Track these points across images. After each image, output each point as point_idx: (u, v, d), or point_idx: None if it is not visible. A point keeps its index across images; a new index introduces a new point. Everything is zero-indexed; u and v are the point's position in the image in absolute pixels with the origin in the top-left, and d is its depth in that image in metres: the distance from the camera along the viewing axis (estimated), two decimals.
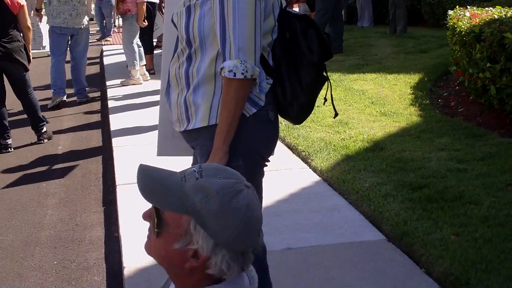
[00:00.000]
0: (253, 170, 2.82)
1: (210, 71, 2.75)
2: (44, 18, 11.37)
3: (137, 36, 10.57)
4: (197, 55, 2.79)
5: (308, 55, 2.85)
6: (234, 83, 2.62)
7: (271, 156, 2.97)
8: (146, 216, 1.70)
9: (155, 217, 1.64)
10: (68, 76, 9.93)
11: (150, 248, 1.71)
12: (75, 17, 9.36)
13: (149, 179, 1.70)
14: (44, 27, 12.06)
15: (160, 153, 3.39)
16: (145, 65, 11.14)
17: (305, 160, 6.35)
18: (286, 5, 2.90)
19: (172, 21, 2.92)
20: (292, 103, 2.87)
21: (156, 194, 1.66)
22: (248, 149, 2.79)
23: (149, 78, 10.75)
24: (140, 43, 10.68)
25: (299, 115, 2.96)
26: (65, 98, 9.71)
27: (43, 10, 10.16)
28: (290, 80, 2.84)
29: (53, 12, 9.37)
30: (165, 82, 3.02)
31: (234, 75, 2.60)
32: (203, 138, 2.81)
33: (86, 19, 9.54)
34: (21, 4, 7.48)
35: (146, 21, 10.37)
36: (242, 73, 2.60)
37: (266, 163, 2.94)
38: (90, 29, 9.95)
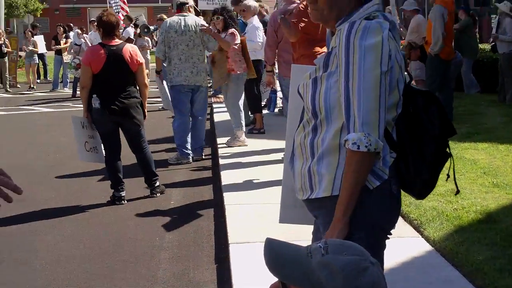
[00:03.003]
0: (375, 243, 2.81)
1: (334, 142, 2.78)
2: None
3: (242, 97, 10.62)
4: (323, 126, 2.83)
5: (431, 131, 2.87)
6: (357, 156, 2.64)
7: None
8: None
9: None
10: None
11: None
12: (195, 75, 9.55)
13: (276, 254, 1.72)
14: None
15: (282, 220, 3.44)
16: (251, 126, 11.33)
17: (417, 228, 6.26)
18: (410, 81, 2.93)
19: (298, 91, 2.99)
20: (415, 178, 2.88)
21: (282, 269, 1.68)
22: (371, 222, 2.79)
23: (247, 144, 10.48)
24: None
25: (422, 190, 2.97)
26: (191, 160, 9.82)
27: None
28: (413, 155, 2.85)
29: (174, 71, 9.59)
30: (290, 150, 3.07)
31: (358, 148, 2.62)
32: (325, 208, 2.83)
33: (205, 77, 9.73)
34: (140, 62, 7.70)
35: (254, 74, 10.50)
36: (366, 146, 2.61)
37: (388, 235, 2.93)
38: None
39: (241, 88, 10.47)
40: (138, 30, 19.74)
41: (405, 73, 2.86)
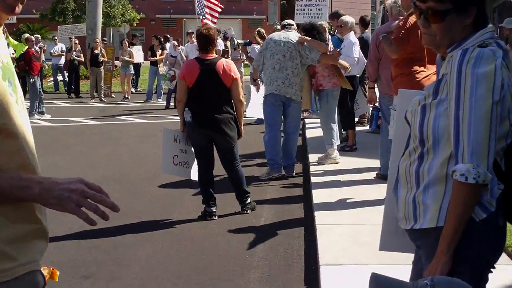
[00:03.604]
0: (478, 277, 2.75)
1: (442, 172, 2.73)
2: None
3: (336, 113, 10.52)
4: (429, 154, 2.78)
5: None
6: (464, 187, 2.59)
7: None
8: None
9: None
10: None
11: None
12: (287, 86, 9.51)
13: None
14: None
15: (383, 247, 3.40)
16: (343, 143, 11.27)
17: (511, 256, 6.07)
18: None
19: (406, 118, 2.93)
20: None
21: None
22: (476, 256, 2.73)
23: (339, 160, 10.41)
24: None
25: None
26: (283, 172, 9.82)
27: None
28: None
29: (267, 80, 9.68)
30: (394, 178, 3.04)
31: (466, 179, 2.57)
32: (429, 239, 2.78)
33: (298, 91, 9.68)
34: (235, 77, 7.67)
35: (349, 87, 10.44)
36: (474, 178, 2.56)
37: (491, 269, 2.84)
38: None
39: (332, 105, 10.35)
40: (228, 43, 19.98)
41: None
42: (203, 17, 20.95)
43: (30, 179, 2.09)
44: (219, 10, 21.45)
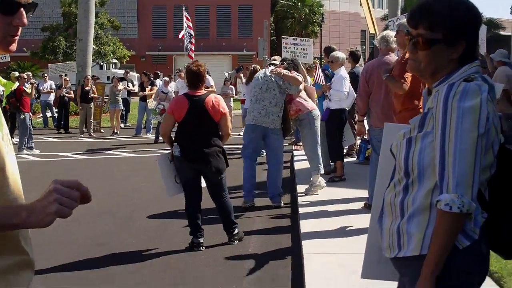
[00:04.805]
0: None
1: (426, 202, 2.79)
2: None
3: (319, 138, 10.52)
4: (414, 186, 2.84)
5: None
6: (448, 217, 2.64)
7: None
8: None
9: None
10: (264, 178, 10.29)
11: None
12: (263, 116, 9.71)
13: None
14: None
15: (365, 276, 3.47)
16: (331, 175, 11.32)
17: (497, 281, 6.05)
18: (504, 142, 2.87)
19: (391, 150, 3.00)
20: (506, 239, 2.84)
21: None
22: (459, 283, 2.78)
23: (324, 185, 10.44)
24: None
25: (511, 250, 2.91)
26: (253, 202, 9.93)
27: None
28: (505, 217, 2.82)
29: (247, 112, 9.93)
30: (379, 208, 3.10)
31: (450, 209, 2.62)
32: (413, 267, 2.82)
33: (276, 121, 9.78)
34: (223, 112, 7.75)
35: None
36: (458, 208, 2.61)
37: None
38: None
39: (313, 129, 10.36)
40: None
41: (500, 134, 2.81)
42: (187, 53, 21.38)
43: (15, 207, 2.14)
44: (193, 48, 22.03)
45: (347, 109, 11.90)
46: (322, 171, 10.47)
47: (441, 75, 2.85)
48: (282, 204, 10.05)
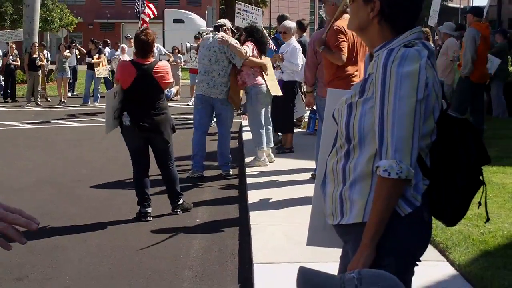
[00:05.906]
0: (404, 270, 2.81)
1: (367, 168, 2.78)
2: None
3: (263, 114, 10.40)
4: (356, 152, 2.83)
5: (466, 160, 2.84)
6: (387, 183, 2.65)
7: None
8: None
9: None
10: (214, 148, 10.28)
11: None
12: (212, 87, 9.74)
13: (309, 283, 1.70)
14: None
15: (310, 242, 3.43)
16: (279, 145, 11.36)
17: (442, 252, 6.16)
18: (447, 108, 2.88)
19: (333, 116, 2.98)
20: (446, 206, 2.86)
21: None
22: (401, 249, 2.79)
23: (274, 159, 10.53)
24: (269, 124, 10.63)
25: (453, 218, 2.95)
26: (202, 173, 9.93)
27: None
28: (446, 183, 2.83)
29: (196, 82, 9.95)
30: (322, 174, 3.08)
31: (389, 175, 2.62)
32: (356, 234, 2.81)
33: (224, 92, 9.80)
34: (171, 81, 7.83)
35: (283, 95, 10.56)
36: (397, 173, 2.62)
37: (417, 262, 2.91)
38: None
39: (258, 104, 10.24)
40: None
41: (442, 100, 2.82)
42: (139, 15, 21.02)
43: None
44: (151, 16, 21.39)
45: (300, 81, 11.88)
46: (265, 148, 10.32)
47: (368, 37, 2.90)
48: (231, 173, 10.09)
